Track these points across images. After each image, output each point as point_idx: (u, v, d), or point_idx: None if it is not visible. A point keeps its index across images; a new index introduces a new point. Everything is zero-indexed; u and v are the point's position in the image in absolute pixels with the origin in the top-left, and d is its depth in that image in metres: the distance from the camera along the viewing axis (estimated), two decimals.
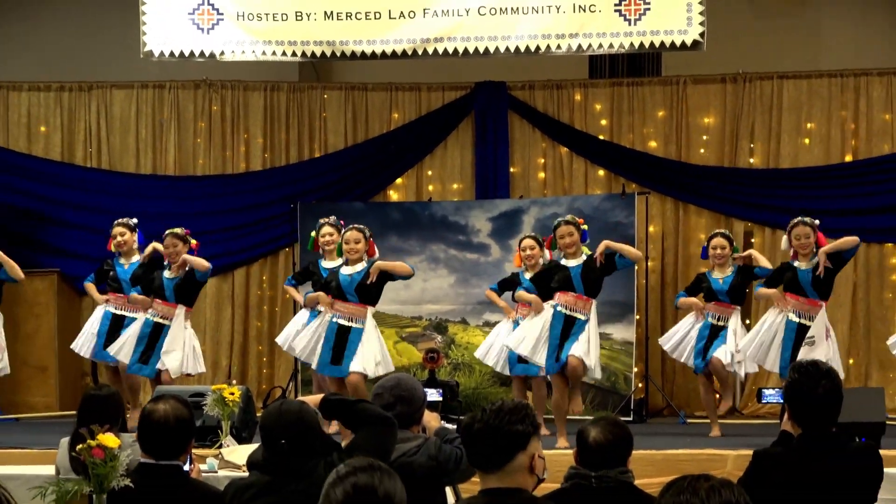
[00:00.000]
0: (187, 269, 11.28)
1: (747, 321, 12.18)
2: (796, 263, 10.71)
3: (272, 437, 5.24)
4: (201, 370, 11.60)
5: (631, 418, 12.44)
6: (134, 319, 11.47)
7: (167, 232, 11.36)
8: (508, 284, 11.65)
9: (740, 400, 13.64)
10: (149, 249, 11.61)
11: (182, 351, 11.20)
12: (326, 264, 11.54)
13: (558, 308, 10.43)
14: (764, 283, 10.91)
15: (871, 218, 13.56)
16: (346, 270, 10.74)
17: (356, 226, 10.88)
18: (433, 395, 10.19)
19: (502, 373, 11.73)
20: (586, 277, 10.41)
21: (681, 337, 11.39)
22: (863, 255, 13.51)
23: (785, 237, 10.75)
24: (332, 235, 11.44)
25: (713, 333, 11.08)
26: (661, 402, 13.73)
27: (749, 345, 10.75)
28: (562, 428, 10.31)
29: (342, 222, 11.46)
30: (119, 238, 11.70)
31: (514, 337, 10.77)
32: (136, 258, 11.68)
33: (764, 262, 11.14)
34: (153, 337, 11.19)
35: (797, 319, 10.58)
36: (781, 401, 5.82)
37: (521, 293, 10.97)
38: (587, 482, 5.14)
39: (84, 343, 11.89)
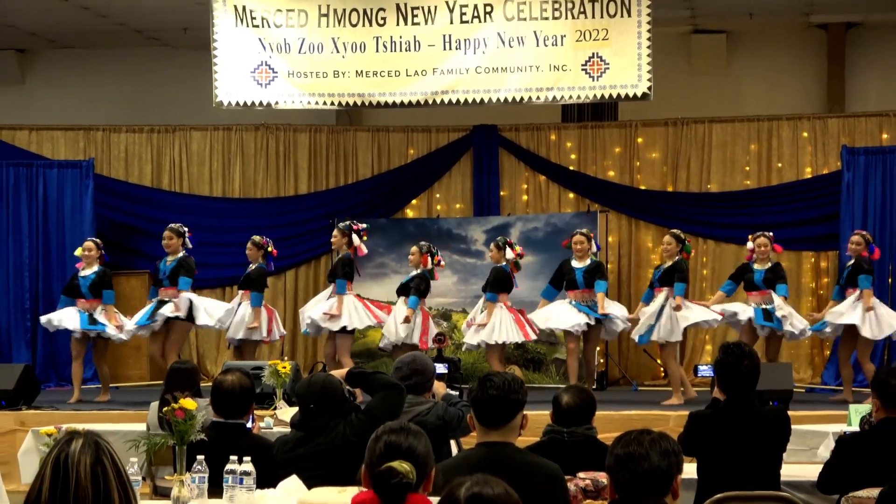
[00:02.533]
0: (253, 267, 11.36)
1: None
2: (755, 266, 10.89)
3: (304, 402, 5.29)
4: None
5: (595, 387, 12.40)
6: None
7: (253, 237, 11.55)
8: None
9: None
10: None
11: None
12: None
13: (573, 303, 11.01)
14: (730, 278, 11.36)
15: (782, 230, 13.53)
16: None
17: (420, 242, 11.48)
18: (440, 368, 10.15)
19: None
20: (588, 277, 10.90)
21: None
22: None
23: (749, 243, 11.13)
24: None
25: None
26: (618, 373, 13.71)
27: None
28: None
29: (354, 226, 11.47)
30: (166, 241, 11.47)
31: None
32: (178, 256, 11.32)
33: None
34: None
35: (762, 307, 10.83)
36: (712, 374, 5.81)
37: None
38: (560, 436, 5.14)
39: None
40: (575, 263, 11.10)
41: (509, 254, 11.09)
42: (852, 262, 10.91)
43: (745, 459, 5.33)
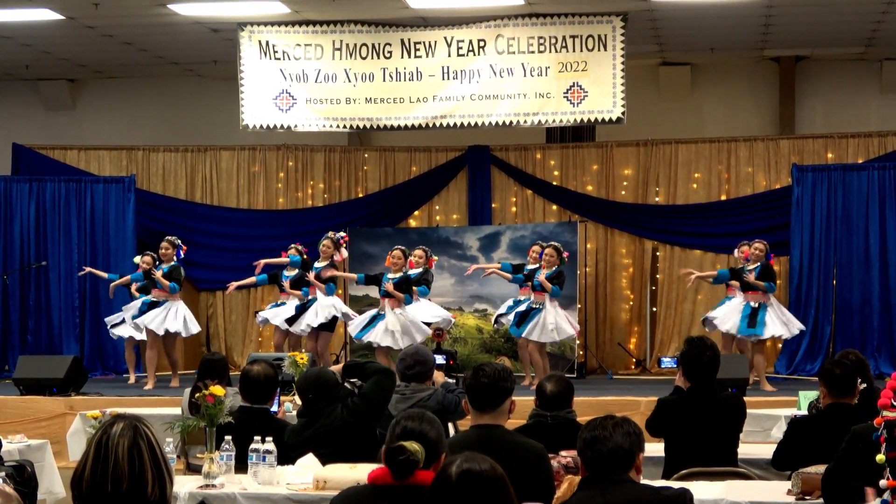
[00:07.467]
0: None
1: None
2: (749, 266, 11.05)
3: (303, 393, 5.38)
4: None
5: (574, 375, 12.39)
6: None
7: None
8: (374, 280, 11.59)
9: (650, 362, 13.61)
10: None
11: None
12: (319, 264, 11.59)
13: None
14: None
15: (739, 238, 13.49)
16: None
17: (422, 247, 11.50)
18: (440, 359, 10.14)
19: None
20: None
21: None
22: (734, 264, 13.47)
23: (736, 251, 11.54)
24: (328, 247, 11.47)
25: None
26: (595, 364, 13.69)
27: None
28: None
29: (342, 239, 11.71)
30: (162, 251, 11.64)
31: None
32: (172, 263, 11.62)
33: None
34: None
35: (751, 304, 10.96)
36: (675, 365, 5.82)
37: None
38: (545, 420, 5.15)
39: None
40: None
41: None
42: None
43: (706, 439, 5.33)
